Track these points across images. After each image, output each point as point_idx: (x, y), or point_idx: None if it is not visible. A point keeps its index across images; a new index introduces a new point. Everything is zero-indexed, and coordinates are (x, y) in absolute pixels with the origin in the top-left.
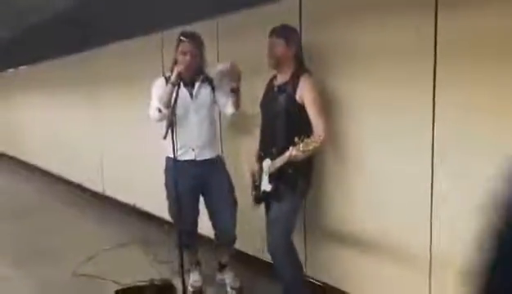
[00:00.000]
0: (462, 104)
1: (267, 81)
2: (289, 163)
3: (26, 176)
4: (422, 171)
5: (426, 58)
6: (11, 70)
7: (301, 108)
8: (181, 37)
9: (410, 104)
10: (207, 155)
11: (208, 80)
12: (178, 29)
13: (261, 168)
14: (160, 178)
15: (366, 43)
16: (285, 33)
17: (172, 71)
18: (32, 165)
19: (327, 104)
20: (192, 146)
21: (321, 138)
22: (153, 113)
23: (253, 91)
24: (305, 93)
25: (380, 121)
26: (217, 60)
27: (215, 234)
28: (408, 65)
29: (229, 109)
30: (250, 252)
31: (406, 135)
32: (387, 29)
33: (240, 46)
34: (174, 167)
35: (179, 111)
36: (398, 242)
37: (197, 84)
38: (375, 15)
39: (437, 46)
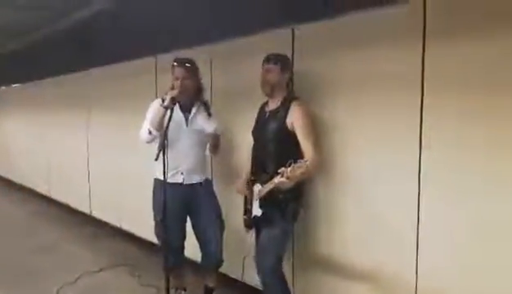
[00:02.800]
0: (449, 130)
1: (258, 107)
2: (280, 189)
3: (12, 196)
4: (409, 197)
5: (414, 87)
6: (2, 88)
7: (291, 134)
8: (174, 63)
9: (397, 131)
10: (195, 179)
11: (206, 106)
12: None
13: (252, 193)
14: (147, 200)
15: (355, 73)
16: (279, 60)
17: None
18: (18, 185)
19: (317, 130)
20: (181, 170)
21: (307, 163)
22: (143, 133)
23: (245, 117)
24: (295, 119)
25: (369, 147)
26: (211, 86)
27: (202, 257)
28: (396, 94)
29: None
30: (237, 277)
31: (394, 162)
32: (376, 60)
33: (234, 73)
34: (162, 190)
35: (172, 134)
36: (385, 267)
37: (194, 110)
38: (363, 46)
39: (425, 76)
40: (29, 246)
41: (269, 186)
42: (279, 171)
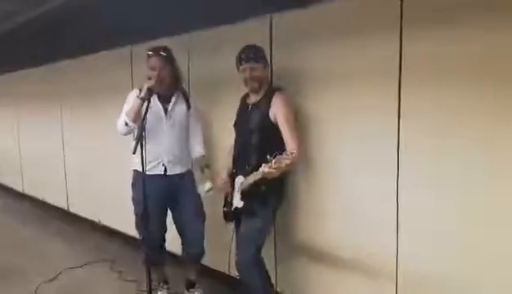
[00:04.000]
0: (427, 119)
1: (237, 96)
2: (262, 180)
3: None
4: (389, 186)
5: (392, 77)
6: None
7: (274, 125)
8: (149, 52)
9: (376, 121)
10: (177, 170)
11: (185, 97)
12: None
13: (233, 185)
14: (126, 193)
15: (335, 63)
16: (260, 56)
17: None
18: None
19: (299, 122)
20: (163, 161)
21: (294, 154)
22: (120, 125)
23: (224, 107)
24: (278, 110)
25: (349, 138)
26: (188, 76)
27: (183, 249)
28: (374, 87)
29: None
30: (218, 268)
31: (373, 151)
32: (353, 53)
33: (212, 61)
34: (142, 181)
35: (152, 125)
36: (367, 254)
37: (173, 100)
38: (343, 34)
39: (402, 70)
40: (5, 243)
41: (256, 176)
42: (267, 158)
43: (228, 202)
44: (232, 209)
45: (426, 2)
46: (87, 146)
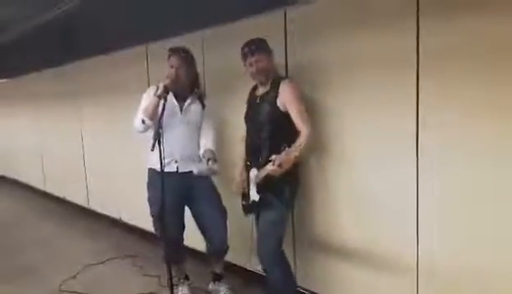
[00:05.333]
0: (447, 110)
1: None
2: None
3: (9, 191)
4: (408, 178)
5: (409, 67)
6: None
7: (284, 114)
8: (169, 52)
9: (393, 112)
10: (190, 167)
11: (200, 98)
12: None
13: (248, 178)
14: (145, 190)
15: (350, 55)
16: (264, 47)
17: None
18: (14, 180)
19: (312, 113)
20: (175, 158)
21: (301, 146)
22: (137, 123)
23: (239, 102)
24: (286, 98)
25: (365, 129)
26: (203, 70)
27: (206, 245)
28: (392, 75)
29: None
30: (242, 264)
31: (391, 143)
32: (370, 40)
33: (227, 56)
34: (158, 179)
35: (166, 123)
36: (387, 247)
37: (189, 99)
38: (358, 26)
39: (420, 56)
40: (27, 240)
41: (263, 173)
42: (270, 158)
43: (246, 195)
44: (250, 202)
45: None
46: (106, 144)
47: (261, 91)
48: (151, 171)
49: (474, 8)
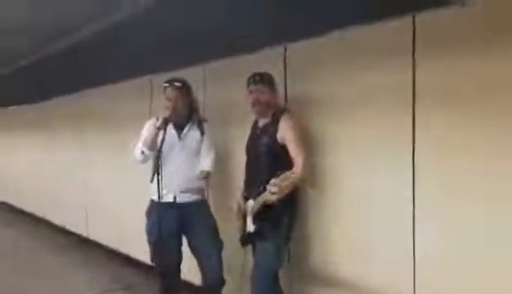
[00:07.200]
0: (441, 141)
1: (250, 123)
2: (271, 203)
3: (8, 219)
4: (403, 208)
5: (405, 101)
6: None
7: (283, 147)
8: (165, 84)
9: (390, 143)
10: (188, 198)
11: (199, 125)
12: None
13: (246, 209)
14: (144, 222)
15: (348, 88)
16: (267, 80)
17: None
18: (13, 207)
19: (310, 146)
20: (173, 189)
21: (294, 175)
22: (136, 153)
23: (239, 137)
24: (286, 132)
25: (361, 161)
26: (204, 105)
27: (202, 278)
28: (388, 108)
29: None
30: None
31: (387, 174)
32: (368, 74)
33: (227, 92)
34: (157, 209)
35: (165, 152)
36: (383, 279)
37: (186, 127)
38: (355, 61)
39: (416, 91)
40: (23, 268)
41: (259, 202)
42: (269, 182)
43: (243, 226)
44: (246, 233)
45: (437, 32)
46: (107, 174)
47: (261, 123)
48: (151, 201)
49: (472, 40)
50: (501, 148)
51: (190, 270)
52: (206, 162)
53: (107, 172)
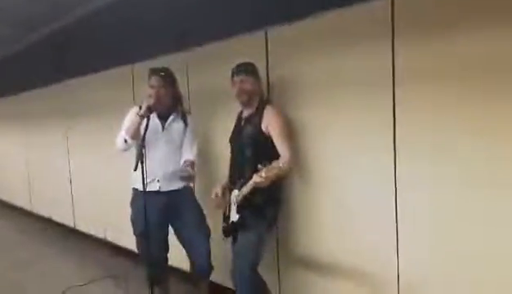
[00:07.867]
0: (423, 126)
1: (235, 112)
2: (257, 192)
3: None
4: (386, 193)
5: (385, 83)
6: None
7: (267, 138)
8: (150, 72)
9: (371, 130)
10: (173, 186)
11: (183, 115)
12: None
13: (229, 199)
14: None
15: (329, 73)
16: (252, 70)
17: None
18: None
19: (293, 133)
20: (157, 177)
21: (281, 165)
22: (119, 142)
23: (222, 123)
24: (270, 122)
25: (344, 148)
26: (188, 92)
27: (190, 266)
28: (369, 92)
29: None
30: (227, 285)
31: (369, 161)
32: (348, 59)
33: (209, 79)
34: (141, 199)
35: (148, 141)
36: (368, 263)
37: (171, 118)
38: (332, 45)
39: (395, 73)
40: (11, 261)
41: (248, 188)
42: (258, 167)
43: (226, 216)
44: (229, 223)
45: (416, 13)
46: (92, 163)
47: (245, 113)
48: (134, 190)
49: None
50: (485, 128)
51: (177, 257)
52: (189, 153)
53: (92, 161)
